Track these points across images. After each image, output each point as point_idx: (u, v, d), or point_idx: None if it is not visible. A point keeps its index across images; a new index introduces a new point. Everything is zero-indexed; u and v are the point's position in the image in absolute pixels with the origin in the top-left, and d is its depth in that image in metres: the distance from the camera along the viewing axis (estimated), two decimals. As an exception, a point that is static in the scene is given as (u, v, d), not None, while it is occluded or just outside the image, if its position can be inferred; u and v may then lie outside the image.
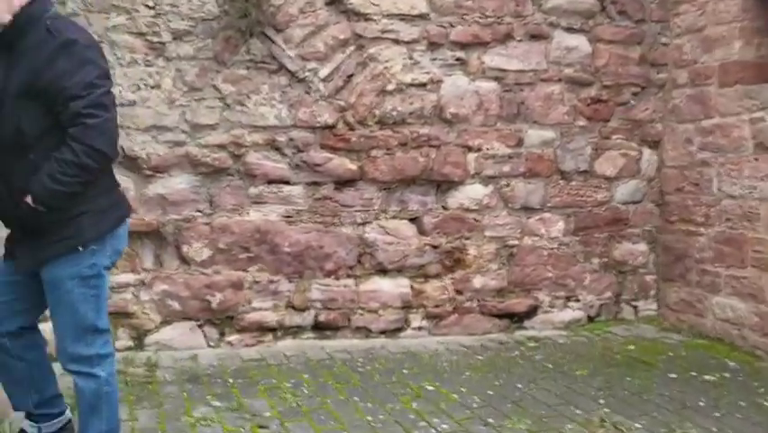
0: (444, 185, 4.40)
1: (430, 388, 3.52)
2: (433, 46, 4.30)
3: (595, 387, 3.55)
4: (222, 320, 4.11)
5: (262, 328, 4.15)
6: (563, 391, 3.50)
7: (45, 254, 2.36)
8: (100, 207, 2.40)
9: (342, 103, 4.19)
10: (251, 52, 4.02)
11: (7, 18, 2.30)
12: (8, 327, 2.50)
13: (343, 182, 4.23)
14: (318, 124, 4.15)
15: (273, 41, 4.04)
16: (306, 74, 4.12)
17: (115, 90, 3.78)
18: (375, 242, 4.29)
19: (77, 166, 2.24)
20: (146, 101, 3.92)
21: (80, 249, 2.36)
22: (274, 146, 4.11)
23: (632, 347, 4.22)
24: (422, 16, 4.27)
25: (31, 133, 2.28)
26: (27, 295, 2.49)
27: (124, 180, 3.89)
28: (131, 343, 3.99)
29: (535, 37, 4.45)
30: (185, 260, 4.05)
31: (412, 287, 4.37)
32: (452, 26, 4.32)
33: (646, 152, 4.72)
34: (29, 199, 2.28)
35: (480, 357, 4.03)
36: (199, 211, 4.04)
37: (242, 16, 3.93)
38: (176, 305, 4.04)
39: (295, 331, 4.22)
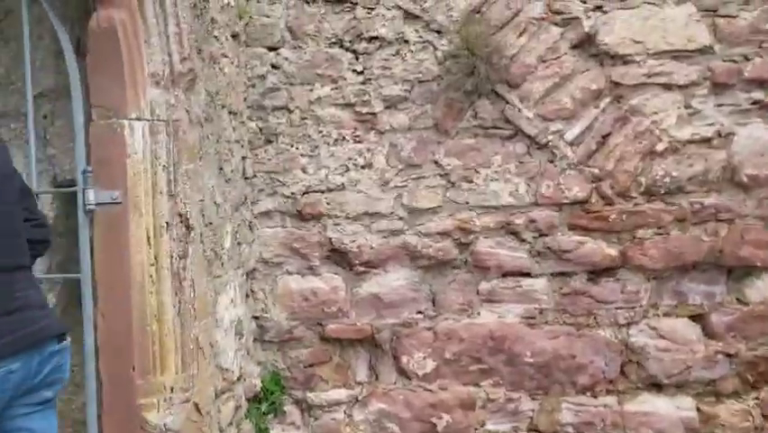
0: (739, 271, 3.28)
1: None
2: (718, 88, 3.24)
3: None
4: (450, 447, 3.37)
5: (499, 459, 3.34)
6: None
7: None
8: None
9: (596, 171, 3.28)
10: (478, 117, 3.29)
11: None
12: None
13: (600, 272, 3.31)
14: (566, 200, 3.29)
15: (506, 101, 3.26)
16: (549, 138, 3.28)
17: (321, 173, 3.34)
18: (644, 347, 3.30)
19: None
20: (356, 184, 3.33)
21: None
22: (510, 230, 3.33)
23: None
24: (703, 50, 3.23)
25: None
26: None
27: (333, 279, 3.35)
28: (344, 472, 3.38)
29: None
30: (404, 372, 3.37)
31: (699, 409, 3.29)
32: (746, 59, 3.22)
33: None
34: None
35: None
36: (420, 313, 3.36)
37: (467, 74, 3.20)
38: (395, 427, 3.37)
39: (541, 463, 3.35)
